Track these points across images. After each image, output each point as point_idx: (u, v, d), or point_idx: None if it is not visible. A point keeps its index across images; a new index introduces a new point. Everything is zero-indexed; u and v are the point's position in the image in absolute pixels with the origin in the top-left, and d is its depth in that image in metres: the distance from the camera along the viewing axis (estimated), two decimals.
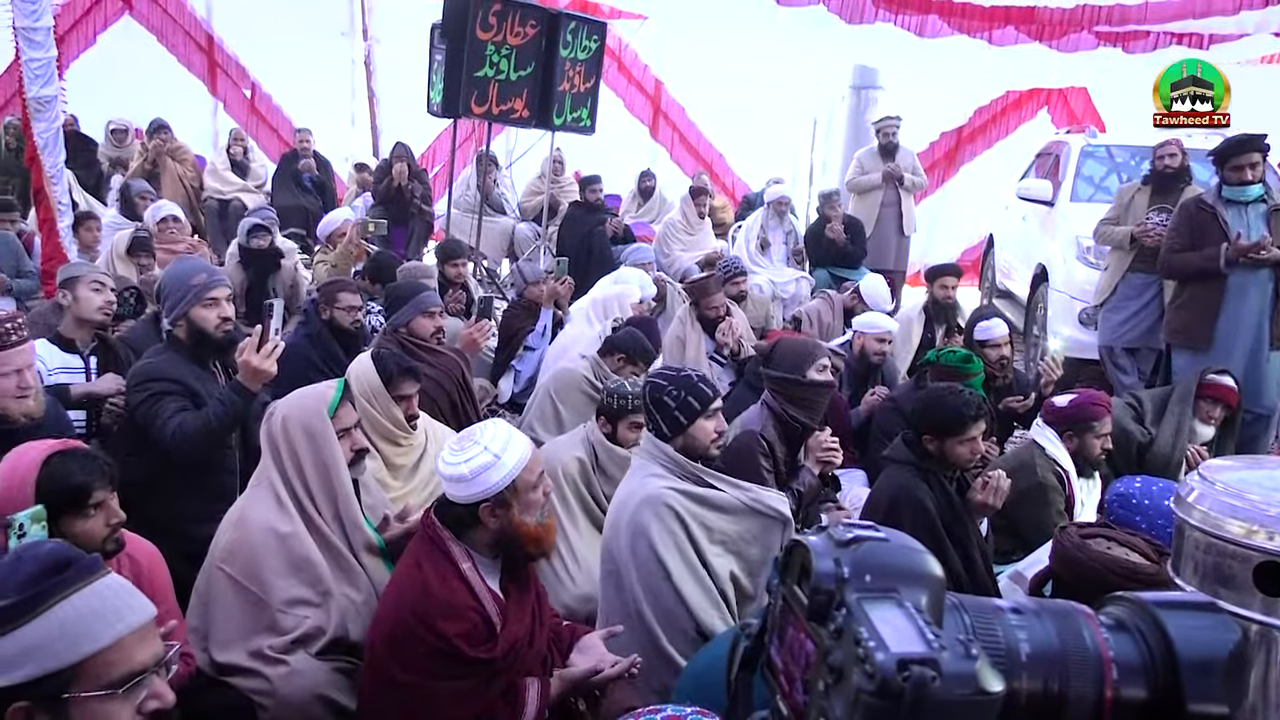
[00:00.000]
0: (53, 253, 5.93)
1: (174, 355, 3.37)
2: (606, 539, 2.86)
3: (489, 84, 7.12)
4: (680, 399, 2.83)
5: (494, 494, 2.29)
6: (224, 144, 9.87)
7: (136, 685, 1.35)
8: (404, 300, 4.46)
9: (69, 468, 2.22)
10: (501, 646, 2.31)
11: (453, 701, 2.26)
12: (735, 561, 2.81)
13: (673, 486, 2.76)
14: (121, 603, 1.39)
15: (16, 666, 1.30)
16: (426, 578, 2.30)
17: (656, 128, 11.75)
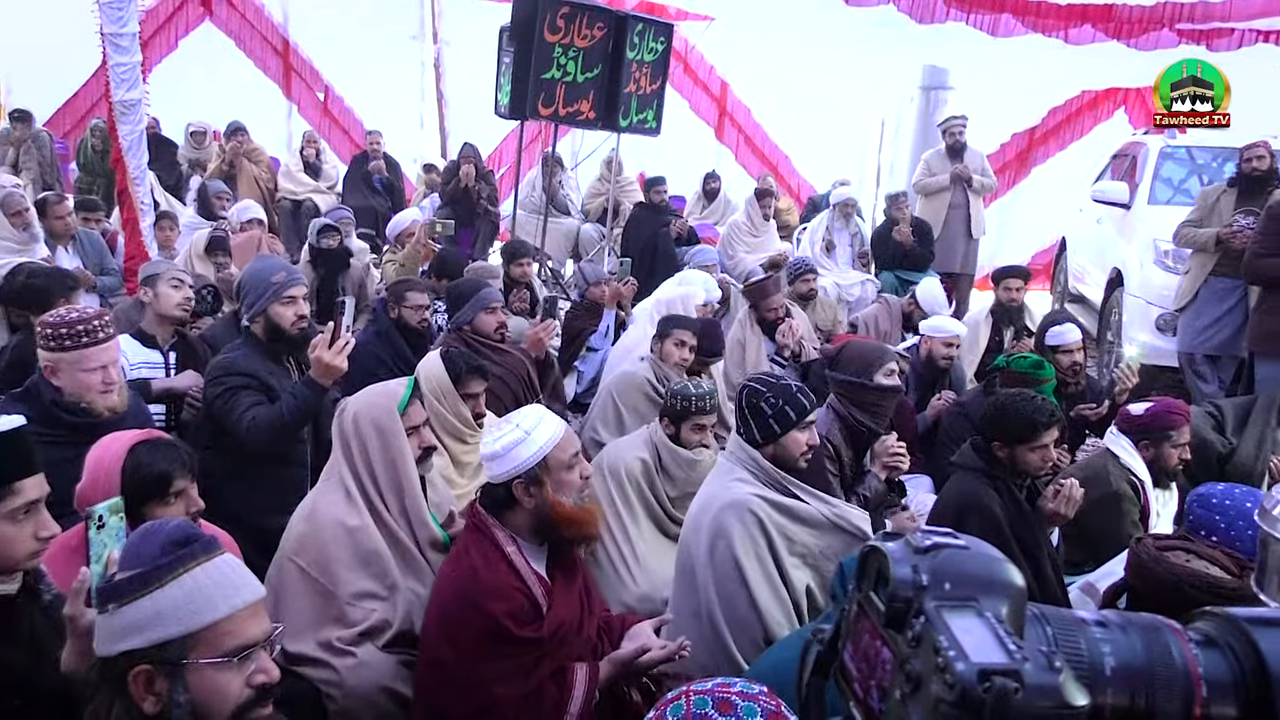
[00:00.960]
0: (135, 251, 6.13)
1: (250, 350, 3.45)
2: (685, 537, 2.86)
3: (556, 86, 7.17)
4: (777, 407, 2.80)
5: (525, 470, 2.36)
6: (297, 146, 10.08)
7: (247, 658, 1.42)
8: (465, 299, 4.52)
9: (152, 457, 2.29)
10: (548, 626, 2.35)
11: (501, 681, 2.29)
12: (812, 576, 2.78)
13: (758, 493, 2.75)
14: (237, 580, 1.46)
15: (142, 631, 1.38)
16: (473, 562, 2.36)
17: (722, 129, 11.72)
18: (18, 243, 5.57)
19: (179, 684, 1.39)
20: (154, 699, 1.39)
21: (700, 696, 1.28)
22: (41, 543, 1.85)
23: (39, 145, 9.38)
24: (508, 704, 2.29)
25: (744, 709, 1.25)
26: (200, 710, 1.39)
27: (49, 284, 4.03)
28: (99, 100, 9.87)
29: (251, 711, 1.43)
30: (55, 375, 2.89)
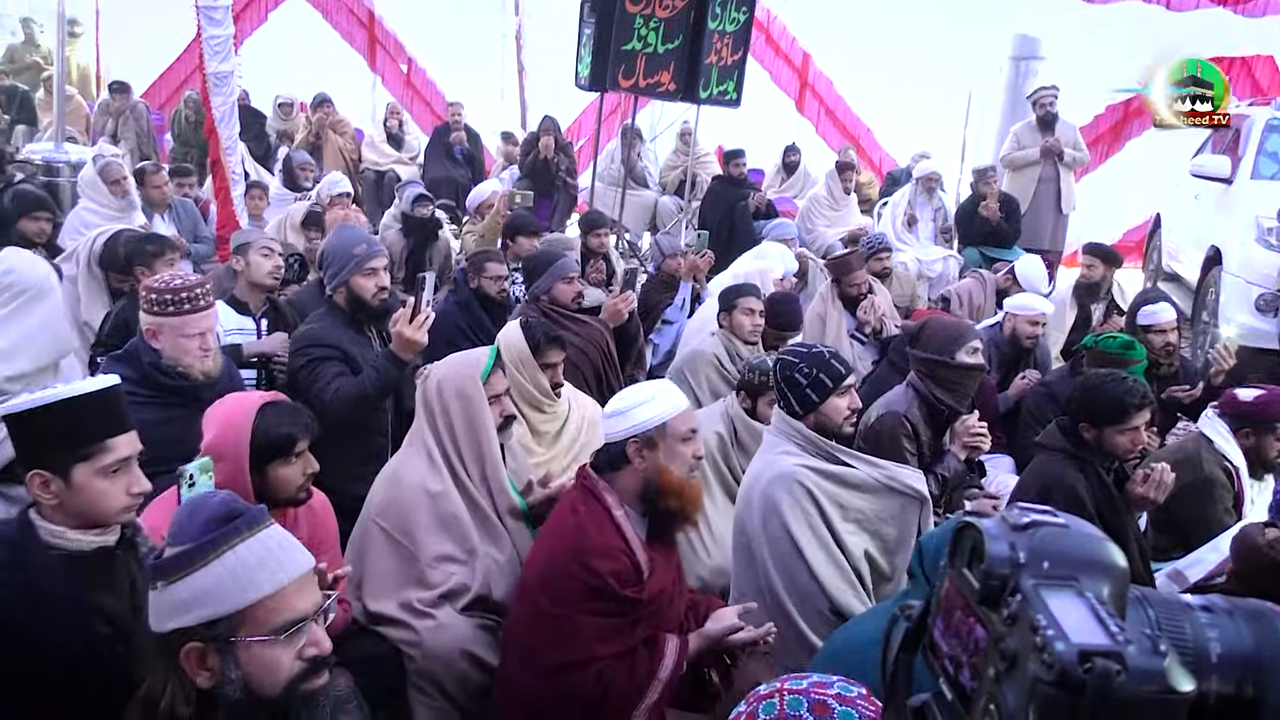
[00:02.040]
0: (226, 220, 6.31)
1: (333, 321, 3.53)
2: (739, 513, 2.87)
3: (636, 57, 7.13)
4: (812, 376, 2.80)
5: (643, 431, 2.40)
6: (381, 117, 10.24)
7: (297, 632, 1.43)
8: (541, 269, 4.54)
9: (279, 418, 2.38)
10: (649, 590, 2.39)
11: (597, 636, 2.34)
12: (870, 540, 2.77)
13: (805, 464, 2.74)
14: (284, 554, 1.46)
15: (190, 609, 1.39)
16: (582, 520, 2.40)
17: (803, 101, 11.53)
18: (116, 210, 5.77)
19: (230, 660, 1.40)
20: (207, 674, 1.40)
21: (795, 697, 1.21)
22: (133, 498, 1.91)
23: (136, 116, 9.70)
24: (605, 660, 2.33)
25: (841, 713, 1.19)
26: (253, 685, 1.40)
27: (147, 249, 4.16)
28: (193, 72, 10.14)
29: (304, 683, 1.44)
30: (156, 338, 3.00)
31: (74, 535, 1.85)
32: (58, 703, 1.76)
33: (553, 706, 2.34)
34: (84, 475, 1.83)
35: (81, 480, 1.83)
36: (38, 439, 1.85)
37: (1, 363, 3.32)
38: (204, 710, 1.40)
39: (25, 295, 3.36)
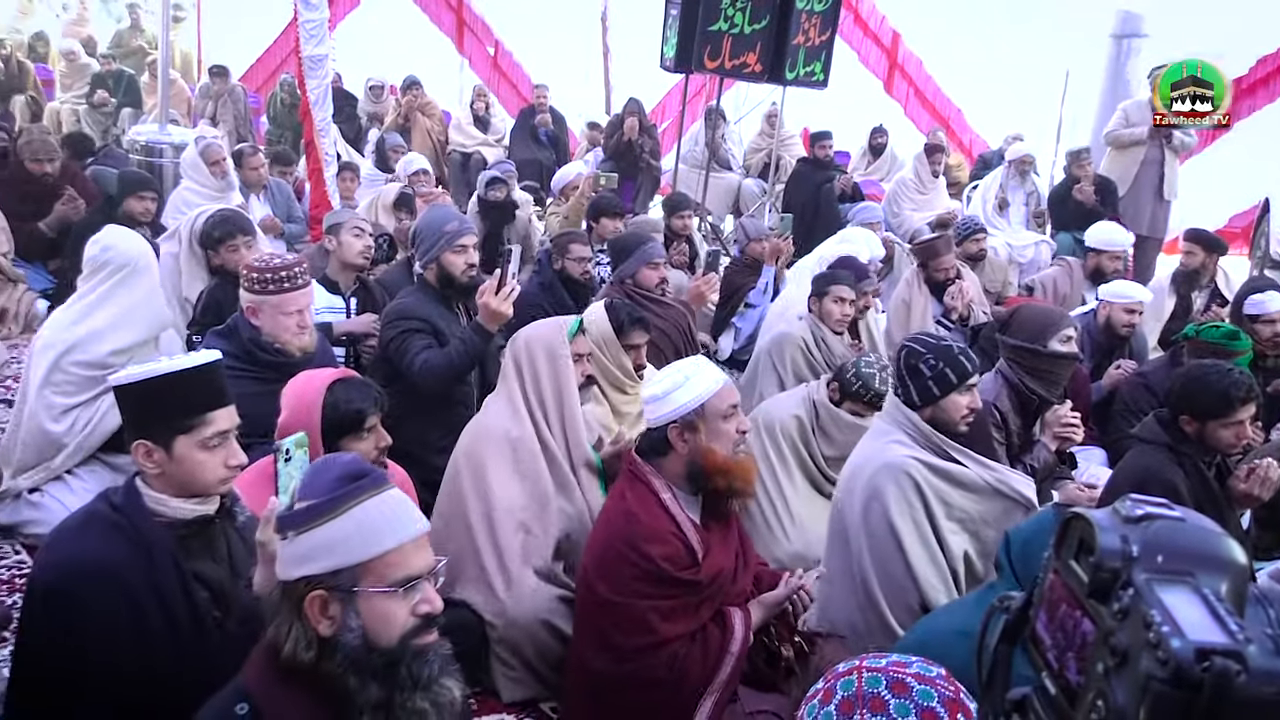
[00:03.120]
0: (319, 200, 6.46)
1: (423, 296, 3.60)
2: (839, 498, 2.83)
3: (722, 38, 7.07)
4: (937, 369, 2.72)
5: (682, 415, 2.40)
6: (468, 100, 10.36)
7: (412, 588, 1.49)
8: (628, 252, 4.55)
9: (349, 394, 2.44)
10: (706, 572, 2.39)
11: (662, 617, 2.35)
12: (971, 542, 2.71)
13: (915, 456, 2.68)
14: (404, 514, 1.53)
15: (317, 559, 1.47)
16: (630, 506, 2.42)
17: (891, 82, 11.30)
18: (216, 190, 5.96)
19: (350, 609, 1.47)
20: (328, 622, 1.47)
21: (873, 675, 1.21)
22: (231, 470, 1.97)
23: (234, 99, 9.99)
24: (675, 641, 2.35)
25: (920, 692, 1.18)
26: (370, 635, 1.47)
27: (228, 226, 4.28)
28: (288, 56, 10.41)
29: (416, 638, 1.49)
30: (256, 315, 3.11)
31: (175, 503, 1.93)
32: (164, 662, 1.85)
33: (629, 689, 2.37)
34: (185, 447, 1.90)
35: (182, 451, 1.90)
36: (143, 410, 1.93)
37: (106, 337, 3.48)
38: (324, 657, 1.47)
39: (124, 271, 3.50)
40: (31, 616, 1.87)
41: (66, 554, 1.86)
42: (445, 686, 1.51)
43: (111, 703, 1.82)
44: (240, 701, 1.49)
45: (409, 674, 1.48)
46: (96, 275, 3.55)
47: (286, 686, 1.48)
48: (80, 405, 3.48)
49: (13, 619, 2.94)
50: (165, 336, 3.72)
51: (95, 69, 10.61)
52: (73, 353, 3.46)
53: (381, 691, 1.47)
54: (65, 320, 3.56)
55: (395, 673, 1.47)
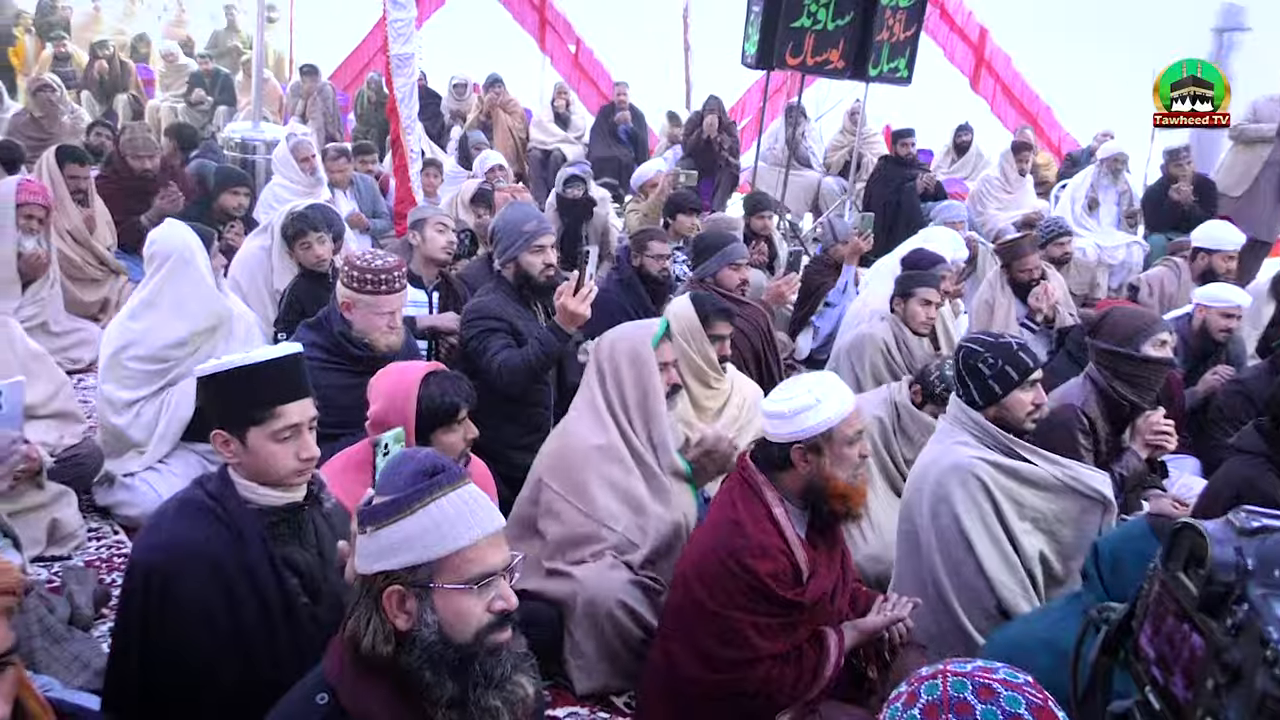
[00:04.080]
0: (404, 196, 6.59)
1: (502, 295, 3.64)
2: (906, 502, 2.80)
3: (805, 35, 7.01)
4: (997, 367, 2.68)
5: (807, 437, 2.34)
6: (549, 97, 10.46)
7: (487, 585, 1.51)
8: (711, 251, 4.54)
9: (443, 388, 2.50)
10: (810, 594, 2.35)
11: (760, 633, 2.32)
12: (1046, 541, 2.66)
13: (982, 457, 2.64)
14: (480, 510, 1.54)
15: (394, 554, 1.49)
16: (740, 517, 2.37)
17: (978, 78, 11.06)
18: (305, 186, 6.13)
19: (427, 605, 1.49)
20: (405, 616, 1.49)
21: (958, 679, 1.19)
22: (302, 463, 1.99)
23: (323, 97, 10.24)
24: (770, 659, 2.32)
25: (1007, 698, 1.15)
26: (446, 630, 1.48)
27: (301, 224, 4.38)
28: (376, 54, 10.65)
29: (491, 634, 1.50)
30: (350, 311, 3.20)
31: (264, 491, 1.98)
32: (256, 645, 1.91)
33: (714, 698, 2.34)
34: (257, 438, 1.95)
35: (255, 443, 1.95)
36: (220, 401, 1.99)
37: (160, 330, 3.60)
38: (401, 650, 1.50)
39: (169, 264, 3.61)
40: (131, 595, 1.94)
41: (165, 536, 1.93)
42: (518, 684, 1.52)
43: (205, 682, 1.88)
44: (321, 691, 1.52)
45: (483, 671, 1.49)
46: (149, 270, 3.70)
47: (365, 678, 1.51)
48: (144, 399, 3.60)
49: (111, 596, 3.08)
50: (241, 327, 3.80)
51: (193, 69, 10.99)
52: (131, 348, 3.58)
53: (456, 687, 1.48)
54: (123, 315, 3.72)
55: (470, 669, 1.48)
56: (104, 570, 3.28)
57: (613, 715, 2.80)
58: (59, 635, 2.55)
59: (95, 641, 2.70)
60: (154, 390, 3.61)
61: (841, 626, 2.46)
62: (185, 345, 3.62)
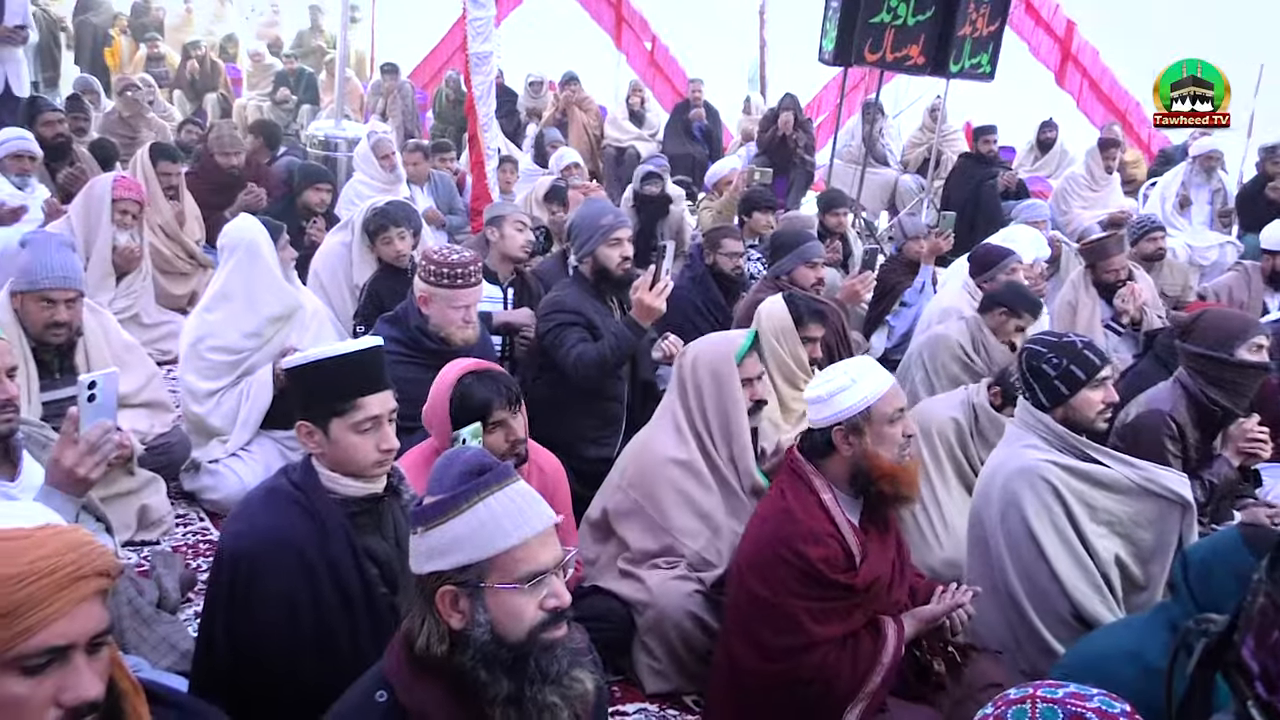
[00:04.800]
0: (480, 193, 6.67)
1: (579, 289, 3.66)
2: (976, 506, 2.75)
3: (885, 30, 6.91)
4: (1062, 368, 2.62)
5: (847, 418, 2.34)
6: (624, 95, 10.49)
7: (539, 583, 1.50)
8: (788, 248, 4.50)
9: (477, 387, 2.49)
10: (863, 577, 2.33)
11: (814, 619, 2.31)
12: (1123, 545, 2.59)
13: (1051, 459, 2.59)
14: (529, 508, 1.53)
15: (445, 554, 1.50)
16: (790, 505, 2.37)
17: (1063, 73, 10.76)
18: (385, 183, 6.26)
19: (479, 604, 1.48)
20: (459, 616, 1.50)
21: (1049, 706, 1.14)
22: (383, 454, 2.02)
23: (403, 95, 10.43)
24: (826, 644, 2.31)
25: None
26: (498, 629, 1.48)
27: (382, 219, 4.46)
28: (455, 52, 10.80)
29: (545, 632, 1.50)
30: (427, 305, 3.25)
31: (346, 481, 2.02)
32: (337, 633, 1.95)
33: (776, 688, 2.34)
34: (339, 429, 1.99)
35: (337, 434, 1.99)
36: (304, 393, 2.04)
37: (233, 321, 3.71)
38: (455, 649, 1.51)
39: (237, 256, 3.74)
40: (218, 581, 2.00)
41: (251, 524, 1.99)
42: (576, 679, 1.51)
43: (288, 667, 1.93)
44: (380, 689, 1.54)
45: (538, 668, 1.49)
46: (221, 263, 3.82)
47: (422, 677, 1.52)
48: (222, 389, 3.72)
49: (197, 581, 3.18)
50: (312, 319, 3.90)
51: (278, 68, 11.29)
52: (207, 339, 3.71)
53: (512, 685, 1.48)
54: (200, 307, 3.85)
55: (525, 667, 1.48)
56: (190, 556, 3.38)
57: (681, 713, 2.80)
58: (148, 617, 2.64)
59: (182, 625, 2.79)
60: (232, 380, 3.73)
61: (901, 616, 2.44)
62: (258, 335, 3.73)
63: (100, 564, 1.20)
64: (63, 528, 1.22)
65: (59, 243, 3.28)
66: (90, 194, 4.77)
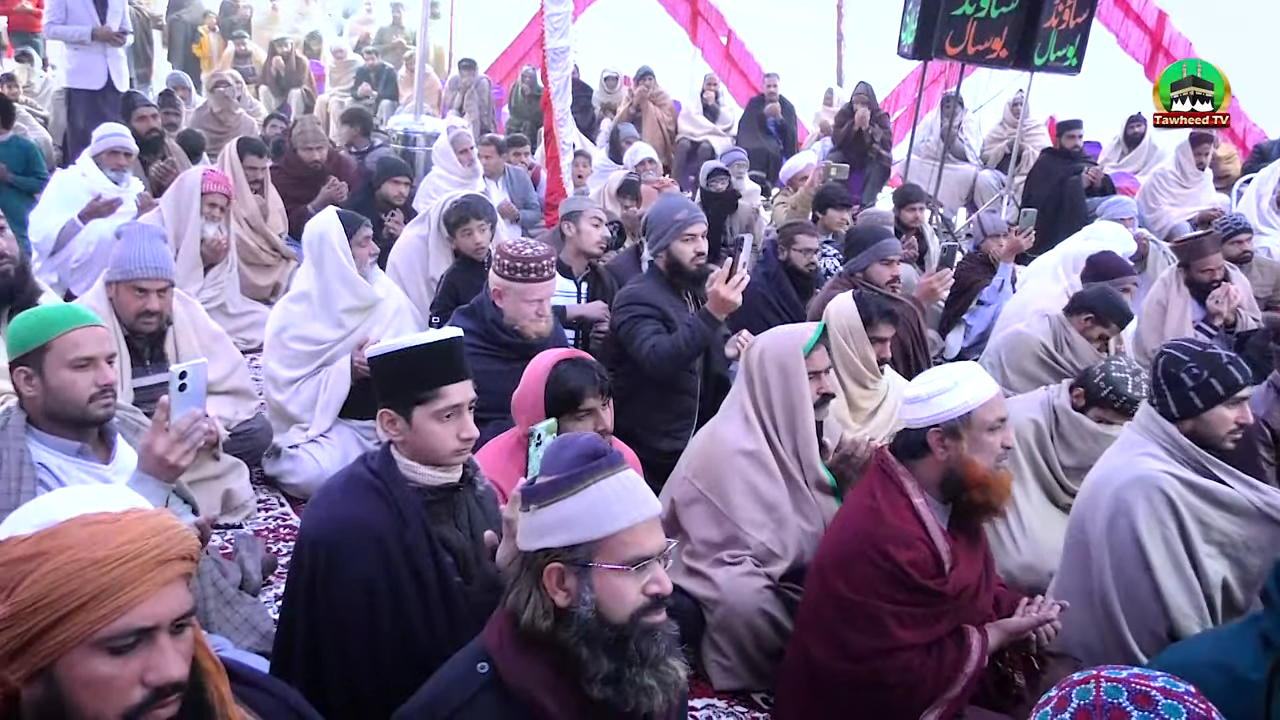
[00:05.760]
0: (555, 187, 6.71)
1: (654, 283, 3.68)
2: (1079, 512, 2.67)
3: (967, 22, 6.77)
4: (1201, 379, 2.50)
5: (944, 420, 2.29)
6: (698, 89, 10.46)
7: (643, 568, 1.54)
8: (864, 245, 4.44)
9: (570, 374, 2.52)
10: (952, 584, 2.29)
11: (900, 623, 2.27)
12: (1231, 568, 2.49)
13: (1171, 472, 2.49)
14: (638, 495, 1.58)
15: (555, 532, 1.54)
16: (879, 506, 2.33)
17: (1153, 65, 10.41)
18: (462, 177, 6.34)
19: (585, 583, 1.52)
20: (564, 594, 1.53)
21: (1113, 684, 1.15)
22: (462, 443, 2.06)
23: (480, 90, 10.57)
24: (910, 649, 2.28)
25: (1165, 706, 1.11)
26: (602, 609, 1.52)
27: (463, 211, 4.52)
28: (531, 48, 10.89)
29: (646, 616, 1.53)
30: (501, 298, 3.30)
31: (424, 470, 2.06)
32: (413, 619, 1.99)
33: (854, 688, 2.31)
34: (421, 417, 2.02)
35: (419, 421, 2.03)
36: (388, 380, 2.08)
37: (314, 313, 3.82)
38: (559, 626, 1.54)
39: (314, 249, 3.84)
40: (299, 565, 2.05)
41: (331, 510, 2.03)
42: (671, 666, 1.54)
43: (365, 652, 1.97)
44: (481, 661, 1.58)
45: (638, 650, 1.52)
46: (305, 256, 3.91)
47: (524, 652, 1.56)
48: (302, 378, 3.82)
49: (277, 564, 3.27)
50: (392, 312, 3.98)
51: (360, 64, 11.52)
52: (290, 329, 3.82)
53: (612, 665, 1.51)
54: (285, 298, 3.96)
55: (625, 648, 1.52)
56: (271, 540, 3.48)
57: (749, 710, 2.79)
58: (231, 598, 2.72)
59: (263, 607, 2.87)
60: (312, 370, 3.83)
61: (986, 626, 2.38)
62: (339, 327, 3.83)
63: (184, 548, 1.24)
64: (148, 512, 1.26)
65: (152, 234, 3.39)
66: (181, 187, 4.93)
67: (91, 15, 6.75)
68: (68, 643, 1.14)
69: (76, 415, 2.15)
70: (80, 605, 1.14)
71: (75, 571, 1.15)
